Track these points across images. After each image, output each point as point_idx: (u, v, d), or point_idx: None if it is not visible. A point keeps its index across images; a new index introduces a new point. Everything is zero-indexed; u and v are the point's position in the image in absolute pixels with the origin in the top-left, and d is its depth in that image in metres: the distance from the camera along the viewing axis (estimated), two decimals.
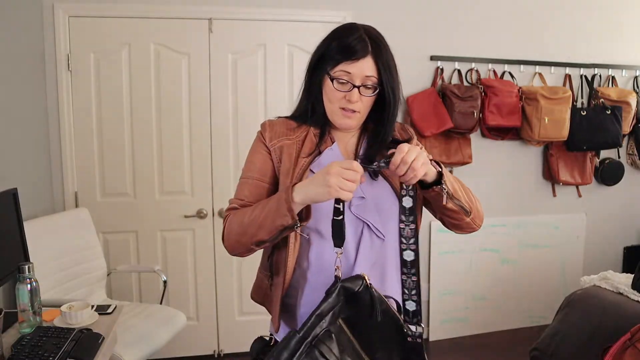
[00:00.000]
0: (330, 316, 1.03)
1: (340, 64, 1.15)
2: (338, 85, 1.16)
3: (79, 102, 2.72)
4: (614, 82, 3.39)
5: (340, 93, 1.16)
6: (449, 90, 2.99)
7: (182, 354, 2.93)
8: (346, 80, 1.15)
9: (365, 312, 1.07)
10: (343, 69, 1.15)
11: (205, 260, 2.93)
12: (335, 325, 1.04)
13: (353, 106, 1.17)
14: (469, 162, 3.08)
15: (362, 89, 1.15)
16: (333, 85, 1.16)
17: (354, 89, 1.15)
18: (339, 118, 1.20)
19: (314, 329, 1.01)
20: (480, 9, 3.14)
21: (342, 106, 1.17)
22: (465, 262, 3.29)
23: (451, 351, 3.16)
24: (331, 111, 1.20)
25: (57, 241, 2.43)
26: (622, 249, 3.64)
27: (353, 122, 1.20)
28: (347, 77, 1.15)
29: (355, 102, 1.16)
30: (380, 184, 1.21)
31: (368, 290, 1.06)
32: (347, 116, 1.18)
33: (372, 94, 1.17)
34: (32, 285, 1.66)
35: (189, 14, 2.75)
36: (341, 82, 1.16)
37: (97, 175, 2.79)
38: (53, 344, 1.52)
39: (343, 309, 1.06)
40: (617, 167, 3.46)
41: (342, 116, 1.19)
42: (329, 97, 1.19)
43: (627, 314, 2.25)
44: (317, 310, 1.02)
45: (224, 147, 2.87)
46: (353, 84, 1.15)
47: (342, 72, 1.15)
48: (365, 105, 1.18)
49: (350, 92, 1.15)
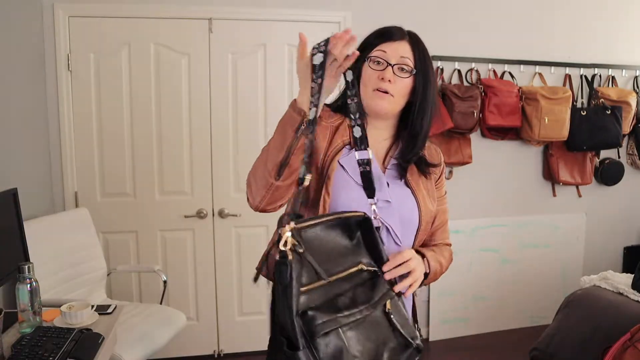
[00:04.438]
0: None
1: (377, 47, 1.19)
2: (374, 65, 1.18)
3: (79, 102, 2.72)
4: (614, 82, 3.39)
5: (375, 73, 1.17)
6: (449, 90, 2.99)
7: (182, 354, 2.93)
8: (382, 60, 1.17)
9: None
10: (380, 48, 1.18)
11: (205, 260, 2.93)
12: None
13: (387, 86, 1.16)
14: (469, 162, 3.08)
15: (396, 69, 1.17)
16: (369, 66, 1.18)
17: (388, 67, 1.17)
18: (372, 100, 1.18)
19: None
20: (480, 9, 3.14)
21: (376, 87, 1.17)
22: (465, 262, 3.29)
23: (451, 351, 3.16)
24: (366, 95, 1.19)
25: (57, 241, 2.43)
26: (622, 249, 3.64)
27: (386, 104, 1.18)
28: (383, 56, 1.17)
29: (388, 80, 1.16)
30: (405, 192, 1.23)
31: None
32: (380, 97, 1.17)
33: (408, 76, 1.18)
34: (32, 285, 1.66)
35: (189, 14, 2.75)
36: (377, 61, 1.18)
37: (97, 175, 2.79)
38: (53, 344, 1.52)
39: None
40: (617, 167, 3.46)
41: (375, 97, 1.18)
42: (365, 81, 1.19)
43: (627, 314, 2.25)
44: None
45: (224, 147, 2.87)
46: (388, 62, 1.17)
47: (379, 51, 1.18)
48: (399, 90, 1.18)
49: (384, 70, 1.17)
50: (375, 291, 1.06)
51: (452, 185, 3.21)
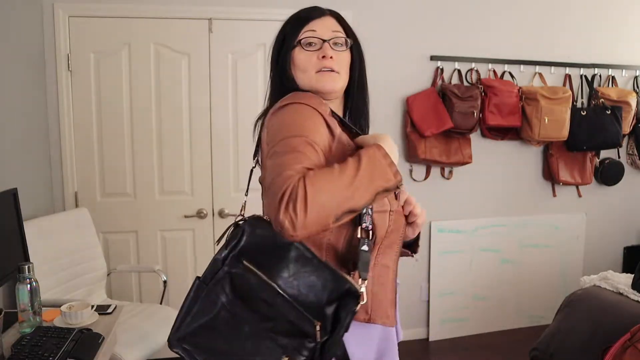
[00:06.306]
0: (231, 259, 0.98)
1: (301, 29, 1.09)
2: (307, 47, 1.09)
3: (79, 102, 2.72)
4: (614, 82, 3.39)
5: (312, 54, 1.08)
6: (449, 90, 2.99)
7: None
8: (314, 38, 1.08)
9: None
10: (306, 29, 1.09)
11: (205, 260, 2.90)
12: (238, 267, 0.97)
13: (330, 63, 1.07)
14: (469, 162, 3.08)
15: (332, 44, 1.08)
16: (303, 49, 1.09)
17: (325, 43, 1.08)
18: (318, 82, 1.08)
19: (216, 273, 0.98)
20: (480, 9, 3.14)
21: (319, 68, 1.07)
22: (465, 262, 3.29)
23: (451, 351, 3.16)
24: (309, 80, 1.08)
25: (57, 241, 2.43)
26: (622, 249, 3.64)
27: (334, 82, 1.09)
28: (313, 35, 1.08)
29: (330, 57, 1.07)
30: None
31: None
32: (328, 76, 1.08)
33: (346, 48, 1.10)
34: (32, 285, 1.66)
35: (189, 14, 2.75)
36: (309, 42, 1.09)
37: (97, 175, 2.79)
38: (53, 344, 1.52)
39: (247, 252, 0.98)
40: (617, 167, 3.46)
41: (321, 78, 1.08)
42: (302, 67, 1.09)
43: (627, 314, 2.25)
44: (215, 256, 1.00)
45: (224, 147, 2.87)
46: (322, 39, 1.08)
47: (307, 32, 1.09)
48: (342, 65, 1.10)
49: (321, 48, 1.08)
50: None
51: (452, 185, 3.22)
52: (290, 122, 0.99)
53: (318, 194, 0.86)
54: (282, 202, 0.85)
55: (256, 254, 0.96)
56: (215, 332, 0.95)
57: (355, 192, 0.89)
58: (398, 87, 3.04)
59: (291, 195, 0.85)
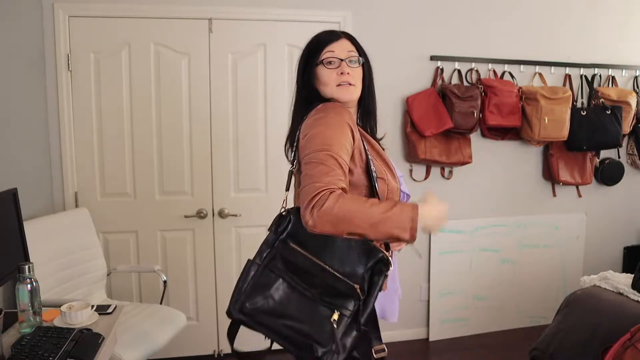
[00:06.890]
0: (279, 242, 1.23)
1: (322, 50, 1.38)
2: (328, 65, 1.37)
3: (79, 102, 2.72)
4: (614, 82, 3.39)
5: (333, 71, 1.37)
6: (449, 90, 2.99)
7: (182, 354, 2.93)
8: (333, 58, 1.37)
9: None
10: (327, 50, 1.38)
11: (205, 260, 2.93)
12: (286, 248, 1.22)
13: (347, 78, 1.36)
14: (469, 162, 3.08)
15: (348, 62, 1.38)
16: (325, 67, 1.37)
17: (342, 62, 1.37)
18: (338, 94, 1.38)
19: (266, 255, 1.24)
20: (480, 9, 3.15)
21: (338, 82, 1.37)
22: (465, 262, 3.29)
23: (451, 351, 3.16)
24: (330, 92, 1.38)
25: (57, 241, 2.43)
26: (622, 249, 3.64)
27: (351, 93, 1.39)
28: (333, 55, 1.37)
29: (347, 73, 1.36)
30: None
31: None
32: (345, 88, 1.37)
33: (358, 65, 1.40)
34: (32, 285, 1.66)
35: (189, 14, 2.75)
36: (329, 61, 1.38)
37: (97, 175, 2.79)
38: (53, 344, 1.52)
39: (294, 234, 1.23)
40: (617, 167, 3.46)
41: (340, 91, 1.37)
42: (324, 81, 1.38)
43: (627, 314, 2.25)
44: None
45: (224, 147, 2.87)
46: (340, 58, 1.37)
47: (327, 52, 1.38)
48: (356, 79, 1.39)
49: (339, 66, 1.37)
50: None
51: (452, 185, 3.22)
52: (322, 135, 1.25)
53: (342, 211, 1.13)
54: (309, 205, 1.14)
55: (300, 237, 1.21)
56: (271, 299, 1.21)
57: (371, 227, 1.15)
58: (398, 87, 3.04)
59: (318, 202, 1.14)
